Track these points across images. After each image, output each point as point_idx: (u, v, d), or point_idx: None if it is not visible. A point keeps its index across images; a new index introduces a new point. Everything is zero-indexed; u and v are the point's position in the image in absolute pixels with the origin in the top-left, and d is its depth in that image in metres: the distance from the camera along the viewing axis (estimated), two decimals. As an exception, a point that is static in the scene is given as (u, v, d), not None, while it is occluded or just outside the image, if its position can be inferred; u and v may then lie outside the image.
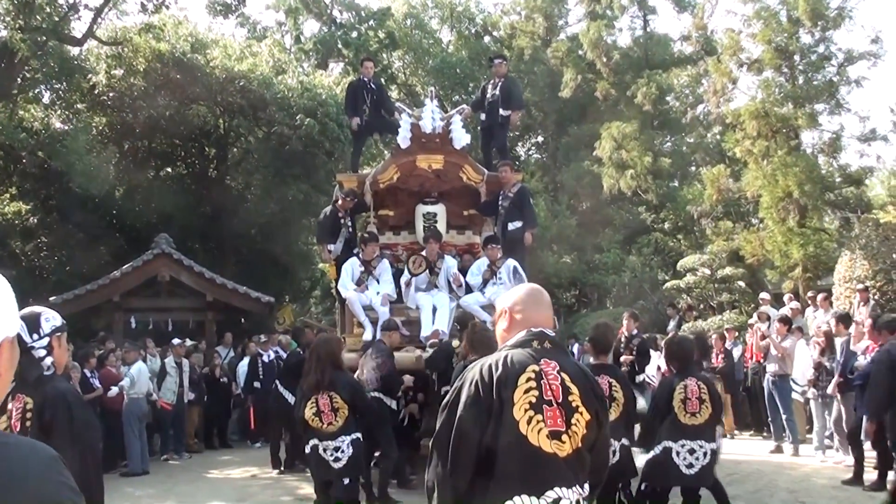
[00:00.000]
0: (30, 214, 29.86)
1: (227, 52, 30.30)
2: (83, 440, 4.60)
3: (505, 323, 4.12)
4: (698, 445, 8.36)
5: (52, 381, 4.75)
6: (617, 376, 8.69)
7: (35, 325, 4.74)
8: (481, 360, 3.92)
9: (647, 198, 36.93)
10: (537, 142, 49.79)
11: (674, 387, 8.52)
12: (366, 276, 13.78)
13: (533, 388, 3.76)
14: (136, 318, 22.32)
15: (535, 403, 3.75)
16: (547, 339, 3.97)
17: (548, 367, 3.78)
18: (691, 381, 8.51)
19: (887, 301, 19.59)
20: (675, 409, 8.41)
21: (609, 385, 8.41)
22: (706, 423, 8.44)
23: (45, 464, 2.25)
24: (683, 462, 8.33)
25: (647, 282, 32.90)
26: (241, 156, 32.97)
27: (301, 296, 39.07)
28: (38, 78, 27.56)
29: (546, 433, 3.74)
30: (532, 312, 4.10)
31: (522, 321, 4.06)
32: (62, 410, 4.60)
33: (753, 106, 27.44)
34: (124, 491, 13.80)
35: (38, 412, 4.60)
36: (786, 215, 26.42)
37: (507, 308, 4.12)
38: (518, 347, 3.94)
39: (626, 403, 8.59)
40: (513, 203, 14.49)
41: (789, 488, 12.28)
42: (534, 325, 4.02)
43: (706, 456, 8.40)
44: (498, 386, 3.75)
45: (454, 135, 14.45)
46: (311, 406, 8.64)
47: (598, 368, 8.54)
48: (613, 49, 39.72)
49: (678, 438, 8.39)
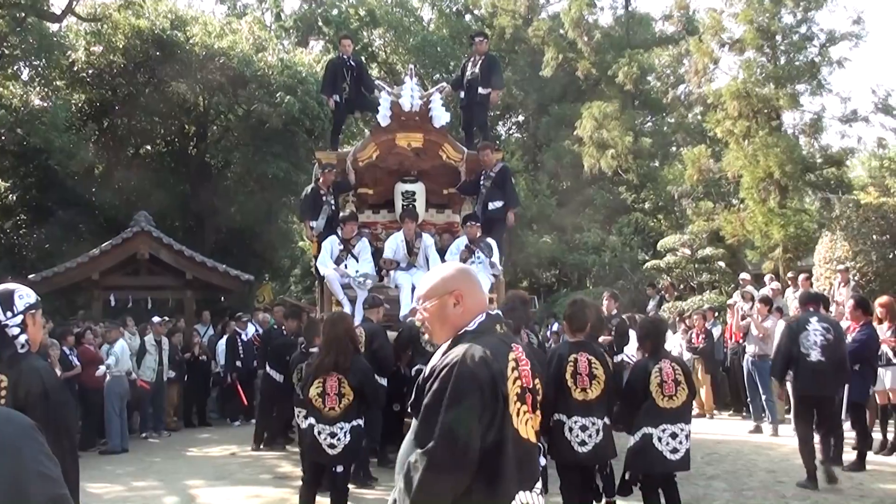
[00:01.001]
0: (8, 192, 29.79)
1: (206, 30, 30.16)
2: (58, 418, 4.52)
3: (460, 307, 3.79)
4: (679, 429, 8.18)
5: (28, 358, 4.68)
6: (596, 353, 8.38)
7: (8, 302, 4.68)
8: (465, 352, 3.56)
9: (627, 178, 36.92)
10: (518, 121, 49.76)
11: (649, 371, 8.32)
12: (345, 254, 13.74)
13: (517, 378, 3.60)
14: (116, 296, 22.20)
15: (520, 394, 3.60)
16: (502, 321, 3.83)
17: (520, 353, 3.63)
18: (665, 363, 8.36)
19: (867, 282, 19.67)
20: (653, 394, 8.21)
21: (588, 362, 8.17)
22: (683, 404, 8.29)
23: (22, 431, 2.24)
24: (667, 447, 8.12)
25: (628, 262, 32.93)
26: (221, 133, 32.94)
27: (281, 274, 39.07)
28: (16, 54, 27.40)
29: (529, 423, 3.63)
30: (480, 293, 3.94)
31: (476, 304, 3.83)
32: (37, 388, 4.52)
33: (735, 86, 27.43)
34: (104, 469, 13.77)
35: (13, 390, 4.52)
36: (766, 196, 26.45)
37: (459, 289, 3.82)
38: (485, 334, 3.70)
39: (607, 381, 8.25)
40: (494, 182, 14.49)
41: (768, 468, 12.32)
42: (486, 307, 3.86)
43: (687, 439, 8.24)
44: (496, 379, 3.52)
45: (434, 113, 14.39)
46: (317, 385, 8.47)
47: (576, 346, 8.36)
48: (595, 28, 39.62)
49: (658, 423, 8.18)
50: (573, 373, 8.11)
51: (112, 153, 30.15)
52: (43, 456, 2.25)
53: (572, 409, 8.08)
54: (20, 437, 2.23)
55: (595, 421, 8.06)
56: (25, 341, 4.69)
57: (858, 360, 11.96)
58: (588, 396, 8.08)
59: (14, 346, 4.64)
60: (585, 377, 8.10)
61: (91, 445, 15.83)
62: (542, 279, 39.74)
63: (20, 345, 4.66)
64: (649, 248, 33.55)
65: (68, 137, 25.80)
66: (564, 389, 8.09)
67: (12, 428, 2.24)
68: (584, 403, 8.08)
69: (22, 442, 2.21)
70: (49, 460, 2.27)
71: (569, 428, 8.05)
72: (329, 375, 8.46)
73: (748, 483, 11.25)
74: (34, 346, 4.83)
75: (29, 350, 4.74)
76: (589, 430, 8.04)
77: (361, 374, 8.73)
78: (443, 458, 3.38)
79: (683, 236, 28.27)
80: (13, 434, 2.22)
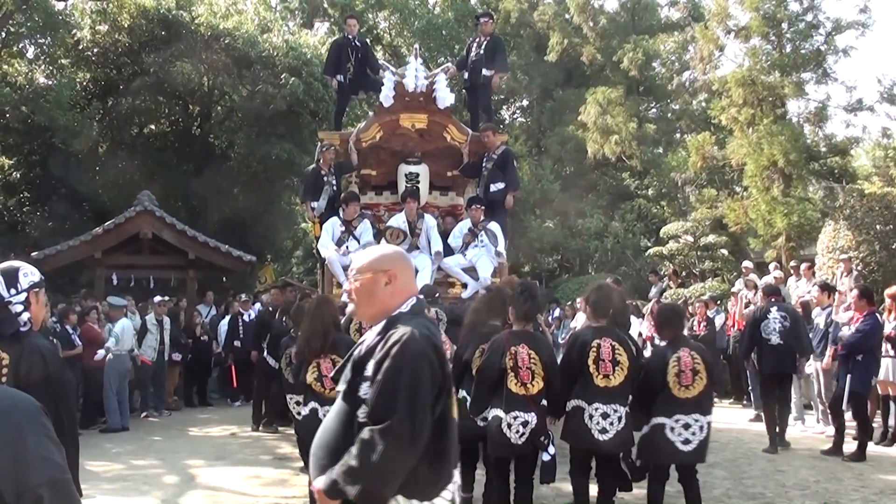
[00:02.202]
0: (12, 169, 29.83)
1: (212, 10, 30.15)
2: (59, 397, 4.54)
3: (391, 287, 3.80)
4: (693, 419, 7.96)
5: (29, 336, 4.69)
6: (620, 339, 8.16)
7: (13, 279, 4.70)
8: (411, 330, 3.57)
9: (631, 164, 36.86)
10: (522, 106, 49.64)
11: (667, 360, 8.09)
12: (346, 235, 13.64)
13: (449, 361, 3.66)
14: (118, 275, 22.19)
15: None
16: (427, 305, 3.83)
17: (444, 336, 3.70)
18: (684, 351, 8.08)
19: (870, 272, 19.69)
20: (670, 384, 7.99)
21: (612, 348, 7.98)
22: (701, 394, 8.03)
23: (28, 414, 2.24)
24: (679, 438, 7.94)
25: (630, 248, 32.98)
26: (225, 114, 32.88)
27: (283, 255, 39.14)
28: (22, 32, 27.40)
29: (454, 405, 3.68)
30: (411, 277, 3.96)
31: (406, 287, 3.86)
32: (38, 367, 4.54)
33: (740, 73, 27.41)
34: (104, 447, 13.80)
35: (14, 368, 4.54)
36: (770, 184, 26.43)
37: (394, 269, 3.83)
38: (419, 316, 3.75)
39: (631, 367, 8.05)
40: (496, 165, 14.44)
41: (768, 457, 12.34)
42: (416, 290, 3.89)
43: (702, 430, 8.01)
44: (443, 360, 3.62)
45: (438, 94, 14.40)
46: (312, 370, 8.37)
47: (599, 331, 8.16)
48: (600, 13, 39.53)
49: (672, 413, 7.99)
50: (595, 358, 7.93)
51: (116, 132, 30.18)
52: (46, 439, 2.25)
53: (594, 395, 7.92)
54: (24, 418, 2.23)
55: (617, 408, 7.92)
56: (28, 319, 4.70)
57: (861, 350, 11.99)
58: (611, 383, 7.92)
59: (17, 323, 4.65)
60: (609, 363, 7.93)
61: (92, 424, 15.85)
62: (543, 264, 39.68)
63: (23, 322, 4.67)
64: (652, 235, 33.59)
65: (73, 116, 25.85)
66: (586, 375, 7.95)
67: (17, 409, 2.25)
68: (606, 390, 7.92)
69: (26, 424, 2.22)
70: (53, 444, 2.27)
71: (589, 415, 7.89)
72: (321, 358, 8.37)
73: (748, 471, 11.27)
74: (36, 324, 4.83)
75: (31, 328, 4.74)
76: (611, 418, 7.88)
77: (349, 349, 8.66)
78: (403, 435, 3.38)
79: (686, 223, 28.27)
80: (18, 415, 2.22)
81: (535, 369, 7.87)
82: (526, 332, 8.15)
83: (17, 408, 2.24)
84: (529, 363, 7.87)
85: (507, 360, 7.86)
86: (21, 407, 2.26)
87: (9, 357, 4.58)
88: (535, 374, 7.88)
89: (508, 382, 7.86)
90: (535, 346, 7.99)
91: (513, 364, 7.85)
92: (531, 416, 7.84)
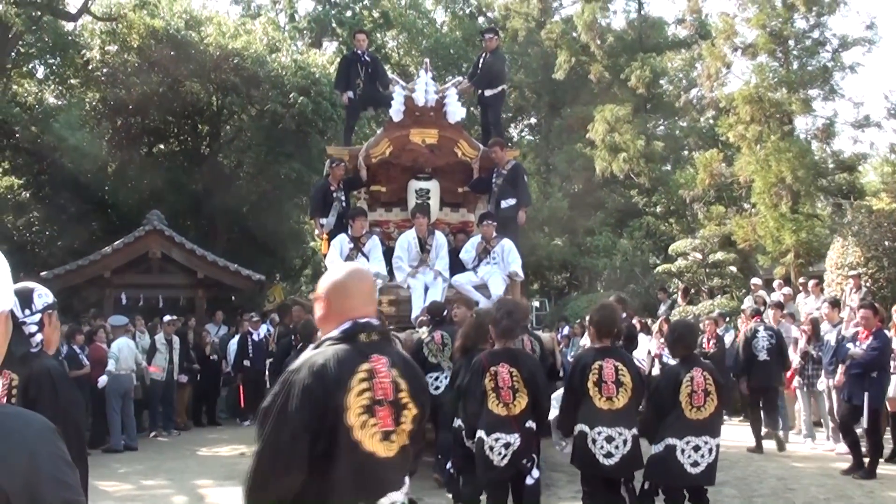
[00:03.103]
0: (22, 189, 29.88)
1: (221, 30, 30.23)
2: (67, 418, 4.48)
3: (321, 310, 3.78)
4: (703, 442, 7.75)
5: (39, 357, 4.67)
6: (623, 359, 7.89)
7: (28, 300, 4.68)
8: (308, 359, 3.57)
9: (639, 181, 36.95)
10: (530, 123, 49.83)
11: (680, 379, 7.85)
12: (355, 253, 13.34)
13: (366, 390, 3.51)
14: (127, 295, 22.23)
15: (368, 406, 3.50)
16: (374, 330, 3.69)
17: (378, 364, 3.56)
18: (697, 371, 7.86)
19: (879, 288, 19.64)
20: (682, 404, 7.76)
21: (615, 369, 7.68)
22: (711, 416, 7.83)
23: (42, 435, 2.24)
24: (688, 460, 7.72)
25: (639, 265, 32.93)
26: (234, 133, 32.94)
27: (292, 274, 39.08)
28: (32, 53, 27.58)
29: (379, 437, 3.52)
30: (355, 300, 3.77)
31: (343, 309, 3.72)
32: (47, 387, 4.52)
33: (747, 90, 27.45)
34: (112, 467, 13.81)
35: (24, 389, 4.52)
36: (778, 201, 26.43)
37: (324, 294, 3.77)
38: (343, 342, 3.62)
39: (636, 388, 7.78)
40: (506, 180, 14.20)
41: (778, 475, 12.31)
42: (359, 314, 3.71)
43: (711, 453, 7.81)
44: (329, 390, 3.46)
45: (449, 108, 14.18)
46: None
47: (601, 352, 7.86)
48: (608, 31, 39.71)
49: (683, 435, 7.75)
50: (597, 381, 7.67)
51: (125, 152, 30.20)
52: (60, 461, 2.23)
53: (596, 419, 7.67)
54: (38, 440, 2.22)
55: (622, 431, 7.65)
56: (40, 341, 4.69)
57: (876, 368, 11.97)
58: (614, 405, 7.66)
59: (29, 344, 4.63)
60: (611, 385, 7.66)
61: (101, 443, 15.87)
62: (552, 282, 39.76)
63: (35, 344, 4.66)
64: (660, 252, 33.58)
65: (82, 136, 25.93)
66: (588, 398, 7.71)
67: (31, 430, 2.24)
68: (609, 413, 7.66)
69: (40, 445, 2.21)
70: (67, 466, 2.25)
71: (592, 439, 7.64)
72: None
73: (758, 489, 11.24)
74: (48, 346, 4.82)
75: (42, 350, 4.73)
76: (615, 441, 7.61)
77: None
78: (265, 462, 3.48)
79: (695, 240, 28.22)
80: (31, 437, 2.21)
81: (518, 387, 7.70)
82: (506, 351, 7.94)
83: (30, 429, 2.24)
84: (511, 382, 7.69)
85: (486, 380, 7.73)
86: (35, 428, 2.26)
87: (18, 378, 4.56)
88: (518, 393, 7.70)
89: (489, 403, 7.72)
90: (517, 364, 7.80)
91: (493, 385, 7.71)
92: (513, 437, 7.66)
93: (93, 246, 23.89)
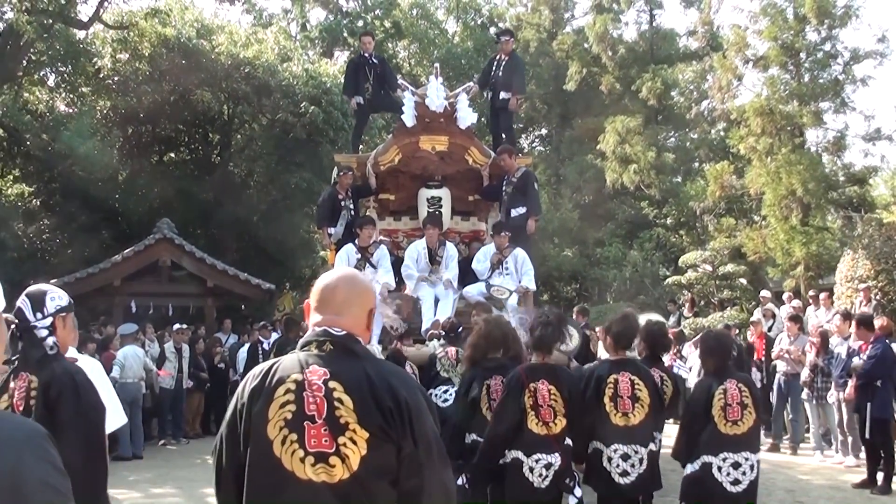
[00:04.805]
0: (32, 197, 29.94)
1: (232, 39, 30.33)
2: (88, 422, 4.50)
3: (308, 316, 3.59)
4: (743, 458, 7.18)
5: (59, 360, 4.67)
6: (640, 372, 7.49)
7: (39, 303, 4.70)
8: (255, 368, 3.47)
9: (649, 193, 36.94)
10: (541, 134, 49.83)
11: (712, 392, 7.31)
12: (363, 263, 12.91)
13: (290, 402, 3.24)
14: (137, 303, 22.27)
15: (290, 420, 3.23)
16: (329, 340, 3.40)
17: (313, 376, 3.27)
18: (731, 383, 7.30)
19: (889, 301, 19.59)
20: (715, 418, 7.22)
21: (631, 383, 7.29)
22: (750, 430, 7.26)
23: (31, 440, 2.23)
24: (728, 478, 7.14)
25: (649, 277, 32.89)
26: (245, 142, 32.98)
27: (301, 283, 39.02)
28: (43, 61, 27.59)
29: (301, 456, 3.20)
30: (324, 305, 3.53)
31: (312, 319, 3.54)
32: (69, 389, 4.49)
33: (758, 103, 27.42)
34: (121, 475, 13.79)
35: (44, 390, 4.50)
36: (789, 213, 26.42)
37: (309, 302, 3.60)
38: (302, 349, 3.44)
39: (653, 403, 7.36)
40: (516, 188, 13.90)
41: (787, 487, 12.27)
42: (326, 322, 3.47)
43: (752, 469, 7.24)
44: (251, 398, 3.32)
45: (460, 114, 13.99)
46: None
47: (617, 365, 7.48)
48: (619, 43, 39.69)
49: (719, 451, 7.19)
50: (613, 395, 7.26)
51: (136, 160, 30.25)
52: (49, 466, 2.20)
53: (611, 436, 7.24)
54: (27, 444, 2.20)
55: (638, 449, 7.23)
56: (54, 343, 4.68)
57: (878, 376, 11.94)
58: (630, 421, 7.22)
59: (43, 347, 4.64)
60: (627, 400, 7.25)
61: (110, 451, 15.85)
62: (562, 293, 39.64)
63: (49, 347, 4.65)
64: (671, 264, 33.55)
65: (93, 144, 25.94)
66: (603, 414, 7.26)
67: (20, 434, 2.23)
68: (625, 429, 7.23)
69: (28, 450, 2.19)
70: (56, 471, 2.22)
71: (608, 457, 7.23)
72: None
73: (767, 502, 11.18)
74: (63, 349, 4.81)
75: (58, 352, 4.72)
76: (631, 459, 7.19)
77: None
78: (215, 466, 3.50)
79: (705, 252, 28.21)
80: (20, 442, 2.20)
81: (556, 406, 7.17)
82: (545, 366, 7.42)
83: (19, 433, 2.23)
84: (550, 400, 7.17)
85: (526, 398, 7.15)
86: (24, 432, 2.24)
87: (38, 380, 4.55)
88: (557, 412, 7.17)
89: (529, 422, 7.13)
90: (556, 381, 7.26)
91: (532, 402, 7.15)
92: (555, 457, 7.14)
93: (103, 254, 23.91)
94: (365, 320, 3.56)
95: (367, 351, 3.52)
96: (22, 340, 4.70)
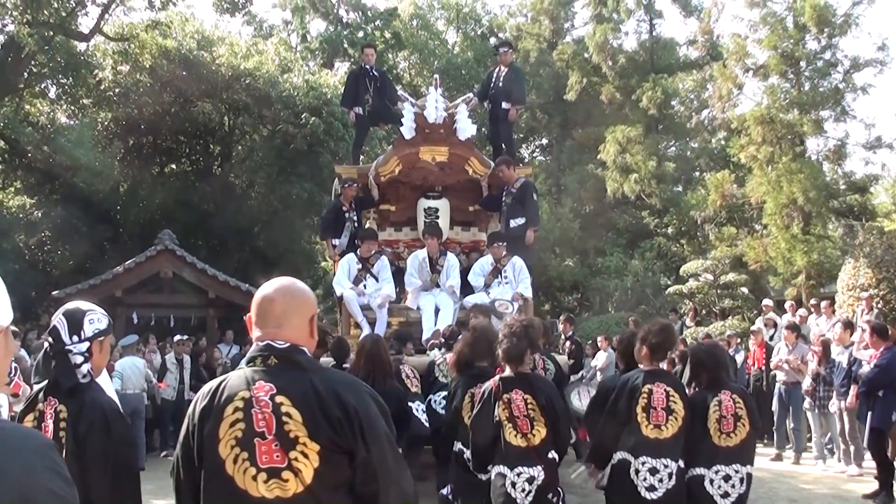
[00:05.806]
0: (34, 208, 29.92)
1: (233, 50, 30.41)
2: (119, 453, 4.20)
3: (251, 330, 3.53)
4: (734, 471, 7.08)
5: (90, 390, 4.32)
6: (674, 385, 7.28)
7: (77, 325, 4.35)
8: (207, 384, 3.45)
9: (650, 202, 36.98)
10: (541, 144, 49.91)
11: (707, 404, 7.21)
12: (364, 274, 13.06)
13: (240, 420, 3.23)
14: (139, 314, 22.29)
15: (241, 438, 3.21)
16: (273, 353, 3.37)
17: (259, 392, 3.25)
18: (725, 395, 7.22)
19: (890, 309, 19.58)
20: (710, 431, 7.13)
21: (666, 395, 7.04)
22: (743, 442, 7.16)
23: (38, 451, 2.24)
24: (718, 491, 7.06)
25: (650, 286, 32.88)
26: (246, 153, 32.99)
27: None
28: (44, 73, 27.61)
29: (253, 474, 3.18)
30: (263, 318, 3.48)
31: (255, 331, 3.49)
32: (99, 425, 4.18)
33: (759, 112, 27.46)
34: (123, 486, 13.75)
35: (73, 422, 4.20)
36: (790, 222, 26.45)
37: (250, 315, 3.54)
38: (248, 365, 3.41)
39: (686, 417, 7.08)
40: (515, 199, 13.82)
41: (790, 497, 12.25)
42: (267, 335, 3.43)
43: (742, 482, 7.12)
44: (201, 418, 3.31)
45: (459, 125, 13.90)
46: None
47: (652, 375, 7.20)
48: (619, 52, 39.74)
49: (712, 464, 7.10)
50: (646, 406, 7.01)
51: (137, 171, 30.27)
52: (56, 475, 2.20)
53: (641, 448, 6.97)
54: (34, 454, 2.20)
55: (668, 463, 6.93)
56: (88, 371, 4.35)
57: (881, 386, 11.91)
58: (662, 434, 6.96)
59: (76, 375, 4.31)
60: (661, 412, 6.99)
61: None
62: (563, 303, 39.65)
63: (82, 375, 4.33)
64: (672, 274, 33.55)
65: (94, 155, 25.98)
66: (634, 424, 7.01)
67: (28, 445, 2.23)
68: (656, 442, 6.96)
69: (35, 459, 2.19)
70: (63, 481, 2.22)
71: (635, 470, 6.93)
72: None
73: (769, 511, 11.20)
74: (97, 373, 4.47)
75: (92, 380, 4.39)
76: (660, 474, 6.89)
77: (396, 399, 8.43)
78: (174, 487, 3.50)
79: (706, 262, 28.19)
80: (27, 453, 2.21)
81: (534, 415, 6.97)
82: (519, 376, 7.16)
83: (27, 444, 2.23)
84: (527, 410, 6.97)
85: (500, 409, 7.02)
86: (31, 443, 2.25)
87: (67, 410, 4.24)
88: (535, 422, 6.97)
89: (507, 435, 6.99)
90: (531, 390, 7.05)
91: (508, 414, 6.99)
92: (537, 469, 6.93)
93: (104, 265, 23.96)
94: (307, 329, 3.52)
95: (313, 361, 3.46)
96: (55, 362, 4.36)
